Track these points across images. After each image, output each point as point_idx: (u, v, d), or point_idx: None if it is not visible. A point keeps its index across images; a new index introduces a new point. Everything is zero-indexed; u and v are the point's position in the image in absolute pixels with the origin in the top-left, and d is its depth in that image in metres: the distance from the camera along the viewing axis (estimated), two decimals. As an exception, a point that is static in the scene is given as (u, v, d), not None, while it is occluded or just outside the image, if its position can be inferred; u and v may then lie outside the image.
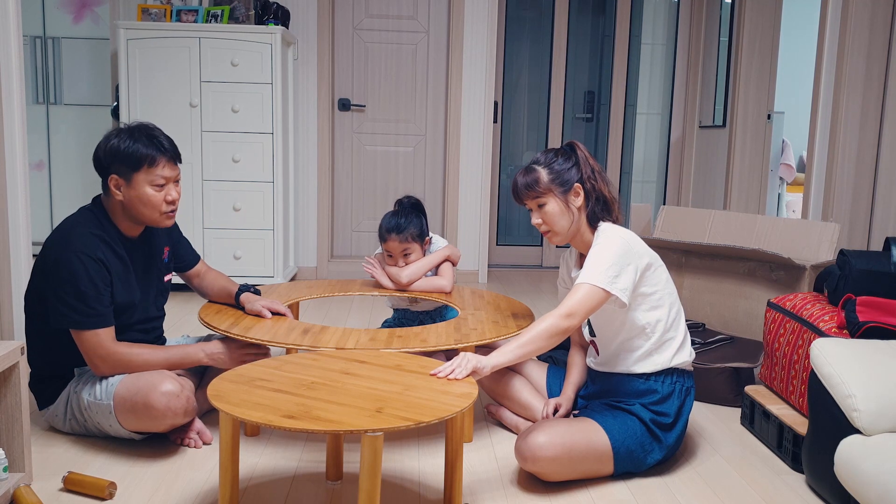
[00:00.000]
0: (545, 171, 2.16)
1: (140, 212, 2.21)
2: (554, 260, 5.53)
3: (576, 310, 2.01)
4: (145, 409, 2.09)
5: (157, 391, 2.08)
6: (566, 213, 2.15)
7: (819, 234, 3.07)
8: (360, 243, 5.01)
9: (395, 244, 2.80)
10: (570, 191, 2.15)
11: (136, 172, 2.17)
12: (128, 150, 2.16)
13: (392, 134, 4.93)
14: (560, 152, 2.20)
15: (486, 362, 1.93)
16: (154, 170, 2.18)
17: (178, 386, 2.11)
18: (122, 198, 2.19)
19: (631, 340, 2.14)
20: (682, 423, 2.17)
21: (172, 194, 2.23)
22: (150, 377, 2.12)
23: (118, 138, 2.18)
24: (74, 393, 2.21)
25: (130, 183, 2.18)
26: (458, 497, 1.87)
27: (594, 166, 2.20)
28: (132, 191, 2.18)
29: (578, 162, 2.18)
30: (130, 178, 2.17)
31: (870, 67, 3.84)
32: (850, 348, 1.96)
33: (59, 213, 5.08)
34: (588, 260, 2.08)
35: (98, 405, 2.15)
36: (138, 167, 2.16)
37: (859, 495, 1.74)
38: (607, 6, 5.37)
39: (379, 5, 4.81)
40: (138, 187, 2.18)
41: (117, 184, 2.19)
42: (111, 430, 2.20)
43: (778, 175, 5.39)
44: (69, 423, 2.26)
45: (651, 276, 2.11)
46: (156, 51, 4.13)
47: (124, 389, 2.12)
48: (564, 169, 2.16)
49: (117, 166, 2.17)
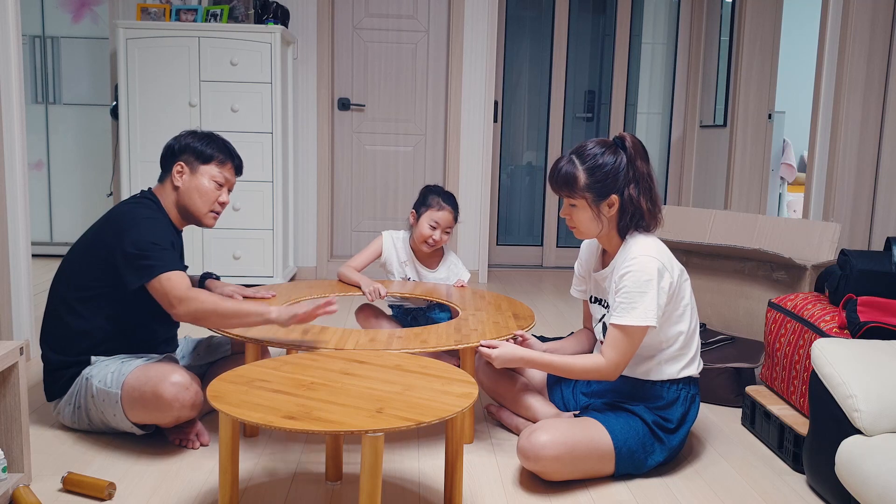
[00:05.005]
0: (585, 173, 2.04)
1: (193, 202, 2.34)
2: (554, 260, 5.52)
3: (625, 361, 2.06)
4: (154, 398, 2.09)
5: (166, 381, 2.09)
6: (595, 220, 2.09)
7: (820, 233, 3.06)
8: (360, 243, 5.01)
9: (449, 216, 2.90)
10: (605, 201, 2.06)
11: (204, 165, 2.34)
12: (204, 145, 2.34)
13: (392, 133, 4.93)
14: (609, 150, 2.05)
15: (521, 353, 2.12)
16: (221, 168, 2.36)
17: (188, 378, 2.13)
18: (181, 185, 2.33)
19: (644, 351, 2.13)
20: (686, 428, 2.16)
21: (224, 197, 2.39)
22: (160, 368, 2.14)
23: (196, 135, 2.36)
24: (86, 379, 2.21)
25: (195, 172, 2.33)
26: (458, 498, 1.86)
27: (641, 170, 2.06)
28: (194, 180, 2.33)
29: (624, 166, 2.04)
30: (196, 168, 2.33)
31: (871, 67, 3.84)
32: (851, 349, 1.96)
33: (59, 212, 5.08)
34: (624, 295, 2.01)
35: (106, 392, 2.15)
36: (208, 161, 2.34)
37: (860, 496, 1.73)
38: (608, 6, 5.37)
39: (379, 4, 4.80)
40: (200, 178, 2.33)
41: (181, 170, 2.33)
42: (114, 420, 2.19)
43: (779, 175, 5.39)
44: (76, 414, 2.26)
45: (678, 293, 2.08)
46: (155, 50, 4.13)
47: (134, 378, 2.13)
48: (605, 174, 2.03)
49: (188, 156, 2.33)
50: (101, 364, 2.23)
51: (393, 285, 2.90)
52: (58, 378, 2.28)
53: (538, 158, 5.49)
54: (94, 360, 2.25)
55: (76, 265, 2.28)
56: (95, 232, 2.29)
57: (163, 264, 2.16)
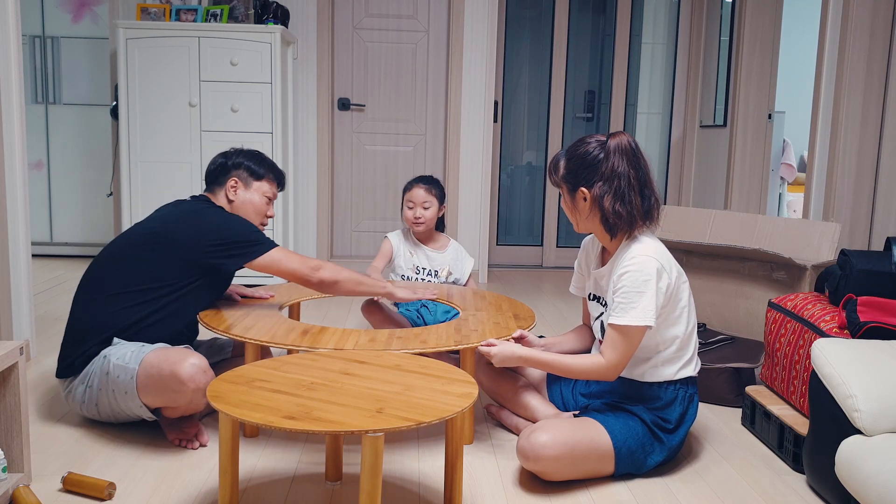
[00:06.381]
0: (564, 162, 2.10)
1: (247, 214, 2.50)
2: (554, 260, 5.52)
3: (624, 361, 2.05)
4: (171, 376, 2.10)
5: (186, 361, 2.11)
6: (572, 210, 2.13)
7: (820, 233, 3.06)
8: (360, 243, 5.01)
9: (420, 192, 3.07)
10: (577, 193, 2.08)
11: (258, 181, 2.54)
12: (257, 164, 2.55)
13: (392, 133, 4.93)
14: (595, 144, 2.05)
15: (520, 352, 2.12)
16: (272, 186, 2.57)
17: (205, 363, 2.15)
18: (236, 199, 2.50)
19: (640, 353, 2.13)
20: (685, 428, 2.16)
21: (272, 211, 2.59)
22: (180, 351, 2.17)
23: (245, 154, 2.55)
24: (104, 357, 2.22)
25: (248, 188, 2.52)
26: (458, 498, 1.86)
27: (616, 168, 2.01)
28: (248, 194, 2.52)
29: (599, 161, 2.03)
30: (250, 185, 2.52)
31: (871, 67, 3.84)
32: (852, 349, 1.96)
33: (59, 212, 5.07)
34: (623, 294, 2.01)
35: (123, 368, 2.16)
36: (261, 178, 2.54)
37: (860, 496, 1.73)
38: (608, 5, 5.37)
39: (379, 5, 4.80)
40: (254, 193, 2.53)
41: (235, 185, 2.51)
42: (124, 399, 2.18)
43: (779, 175, 5.38)
44: (86, 394, 2.26)
45: (675, 296, 2.08)
46: (155, 50, 4.13)
47: (154, 356, 2.15)
48: (579, 167, 2.06)
49: (241, 172, 2.52)
50: (122, 345, 2.25)
51: None
52: (75, 354, 2.27)
53: (538, 158, 5.49)
54: (116, 341, 2.27)
55: (127, 259, 2.32)
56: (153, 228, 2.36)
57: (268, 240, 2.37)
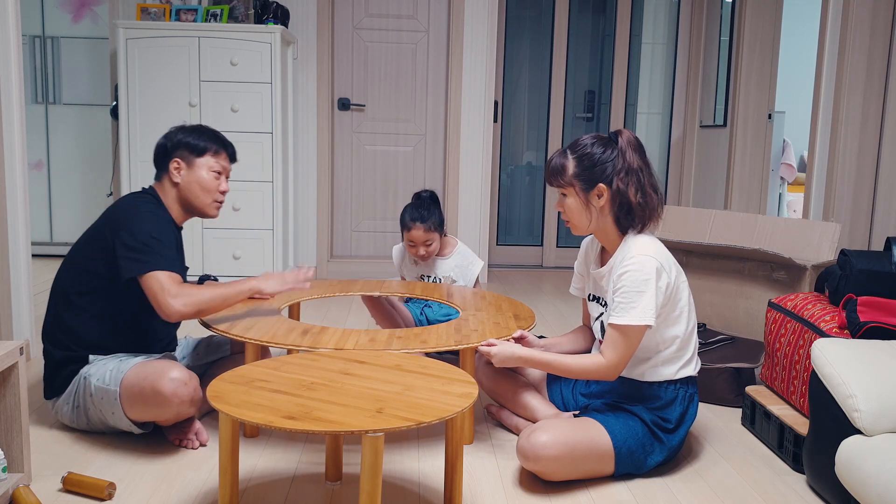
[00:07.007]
0: (574, 161, 2.06)
1: (195, 195, 2.36)
2: (554, 260, 5.52)
3: (624, 361, 2.05)
4: (153, 394, 2.09)
5: (165, 377, 2.09)
6: (585, 211, 2.08)
7: (820, 233, 3.06)
8: (360, 243, 5.01)
9: (419, 233, 2.97)
10: (593, 190, 2.06)
11: (200, 157, 2.36)
12: (196, 138, 2.36)
13: (392, 133, 4.93)
14: (600, 142, 2.06)
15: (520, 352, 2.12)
16: (216, 158, 2.38)
17: (186, 374, 2.13)
18: (181, 181, 2.35)
19: (640, 352, 2.12)
20: (685, 428, 2.16)
21: (224, 186, 2.41)
22: (159, 364, 2.14)
23: (185, 130, 2.38)
24: (84, 378, 2.22)
25: (192, 166, 2.35)
26: (458, 498, 1.86)
27: (631, 162, 2.03)
28: (192, 174, 2.35)
29: (615, 157, 2.04)
30: (193, 162, 2.35)
31: (871, 67, 3.84)
32: (852, 349, 1.96)
33: (58, 212, 5.07)
34: (622, 294, 2.01)
35: (105, 390, 2.15)
36: (203, 153, 2.36)
37: (860, 496, 1.73)
38: (608, 5, 5.37)
39: (379, 5, 4.80)
40: (199, 171, 2.35)
41: (178, 167, 2.35)
42: (113, 419, 2.19)
43: (779, 175, 5.39)
44: (74, 413, 2.26)
45: (674, 295, 2.07)
46: (155, 50, 4.13)
47: (133, 375, 2.13)
48: (594, 164, 2.04)
49: (182, 151, 2.35)
50: (99, 363, 2.23)
51: (393, 285, 2.92)
52: (56, 375, 2.28)
53: (538, 158, 5.49)
54: (93, 358, 2.25)
55: (77, 260, 2.30)
56: (97, 226, 2.30)
57: (158, 261, 2.17)
